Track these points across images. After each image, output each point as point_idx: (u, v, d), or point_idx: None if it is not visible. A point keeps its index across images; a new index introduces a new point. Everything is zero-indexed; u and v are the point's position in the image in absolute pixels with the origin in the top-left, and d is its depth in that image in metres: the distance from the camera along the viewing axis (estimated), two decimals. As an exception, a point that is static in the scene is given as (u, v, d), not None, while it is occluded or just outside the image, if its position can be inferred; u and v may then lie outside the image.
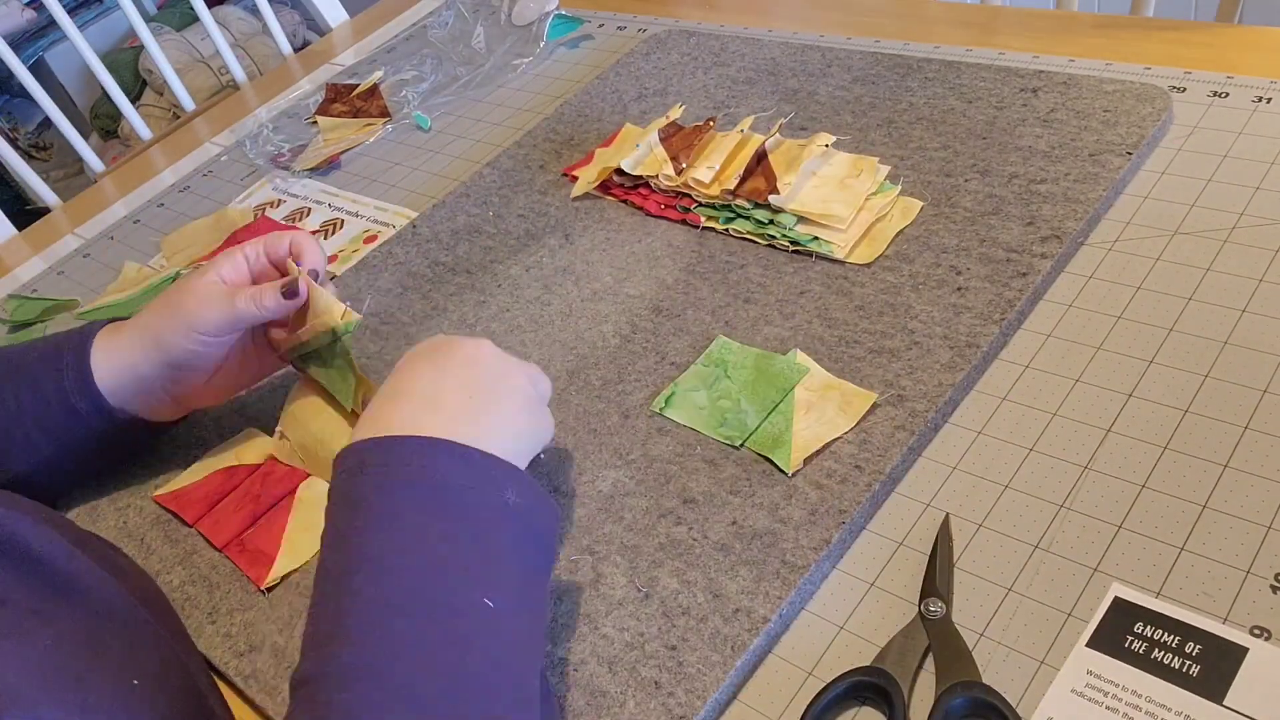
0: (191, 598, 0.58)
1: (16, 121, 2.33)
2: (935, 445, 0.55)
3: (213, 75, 2.14)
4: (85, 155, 1.29)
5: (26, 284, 0.96)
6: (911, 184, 0.71)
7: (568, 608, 0.52)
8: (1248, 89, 0.71)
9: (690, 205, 0.74)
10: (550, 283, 0.73)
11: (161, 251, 0.93)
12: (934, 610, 0.47)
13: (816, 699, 0.45)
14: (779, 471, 0.54)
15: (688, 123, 0.80)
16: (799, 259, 0.68)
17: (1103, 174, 0.66)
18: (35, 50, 2.22)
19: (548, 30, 1.05)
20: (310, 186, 0.97)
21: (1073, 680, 0.43)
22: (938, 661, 0.45)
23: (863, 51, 0.86)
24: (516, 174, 0.86)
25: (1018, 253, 0.63)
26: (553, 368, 0.66)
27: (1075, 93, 0.74)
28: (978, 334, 0.58)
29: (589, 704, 0.47)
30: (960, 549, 0.50)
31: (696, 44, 0.95)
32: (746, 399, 0.59)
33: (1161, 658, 0.43)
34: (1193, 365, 0.55)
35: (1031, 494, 0.51)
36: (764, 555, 0.51)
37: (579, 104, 0.92)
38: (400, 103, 1.05)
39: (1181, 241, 0.62)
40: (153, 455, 0.68)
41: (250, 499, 0.62)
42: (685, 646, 0.48)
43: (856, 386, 0.57)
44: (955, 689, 0.43)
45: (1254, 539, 0.46)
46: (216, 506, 0.62)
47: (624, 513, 0.55)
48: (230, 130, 1.14)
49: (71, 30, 1.21)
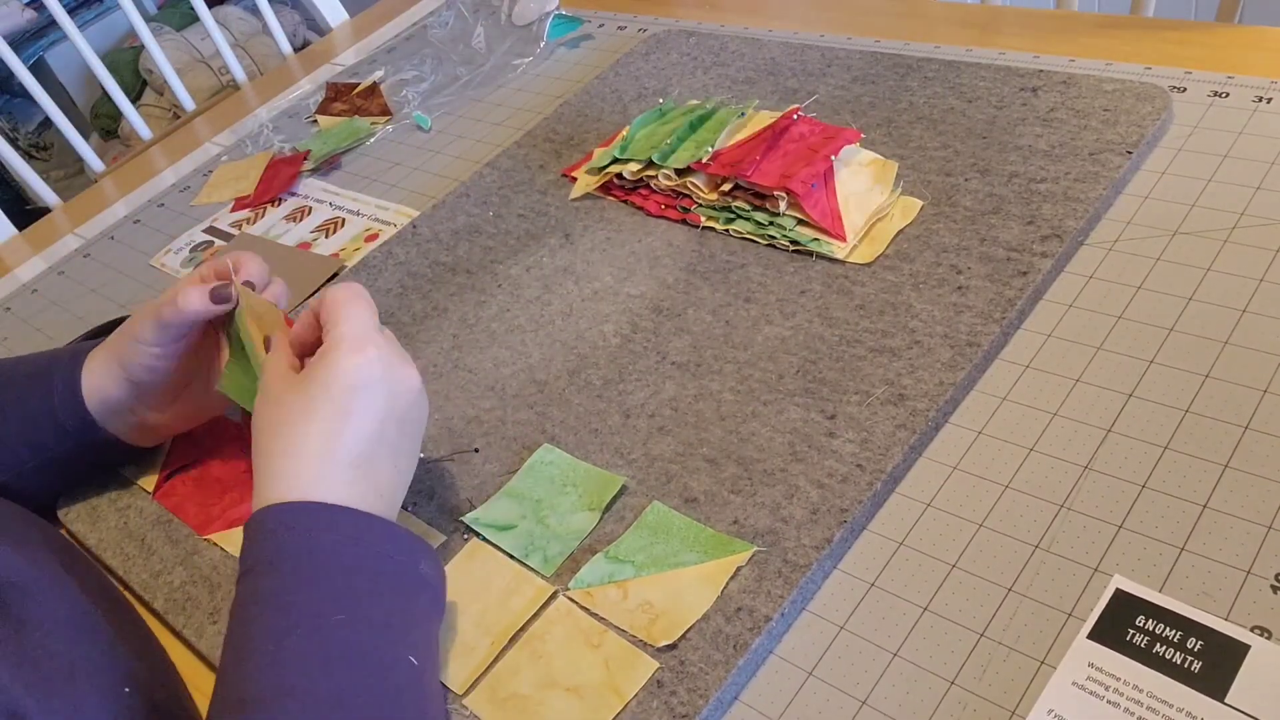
0: (193, 598, 0.58)
1: (16, 121, 2.33)
2: (936, 445, 0.55)
3: (213, 75, 2.14)
4: (85, 155, 1.29)
5: (26, 284, 0.96)
6: (911, 183, 0.71)
7: (569, 607, 0.52)
8: (1248, 89, 0.71)
9: (690, 205, 0.74)
10: (550, 283, 0.73)
11: (205, 187, 1.02)
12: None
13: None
14: (778, 471, 0.55)
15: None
16: (799, 259, 0.68)
17: (1103, 173, 0.66)
18: (35, 50, 2.22)
19: (548, 30, 1.05)
20: (311, 186, 0.97)
21: (1074, 673, 0.43)
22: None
23: (863, 51, 0.86)
24: (516, 174, 0.86)
25: (1018, 252, 0.63)
26: (553, 368, 0.66)
27: (1075, 92, 0.74)
28: (978, 333, 0.59)
29: (590, 703, 0.47)
30: (960, 549, 0.50)
31: (696, 44, 0.95)
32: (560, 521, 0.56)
33: (1163, 652, 0.43)
34: (1193, 365, 0.55)
35: (1031, 494, 0.51)
36: (765, 554, 0.51)
37: (579, 104, 0.92)
38: (400, 103, 1.05)
39: (1181, 241, 0.62)
40: (153, 456, 0.68)
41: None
42: (687, 646, 0.48)
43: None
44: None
45: (1254, 539, 0.46)
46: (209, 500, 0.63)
47: (625, 512, 0.55)
48: (230, 130, 1.14)
49: (71, 30, 1.21)
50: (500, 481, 0.59)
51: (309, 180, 0.98)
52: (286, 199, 0.96)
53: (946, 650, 0.46)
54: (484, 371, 0.67)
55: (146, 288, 0.90)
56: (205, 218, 0.97)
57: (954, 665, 0.46)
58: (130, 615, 0.57)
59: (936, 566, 0.50)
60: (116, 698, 0.47)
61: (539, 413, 0.63)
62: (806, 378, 0.60)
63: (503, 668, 0.50)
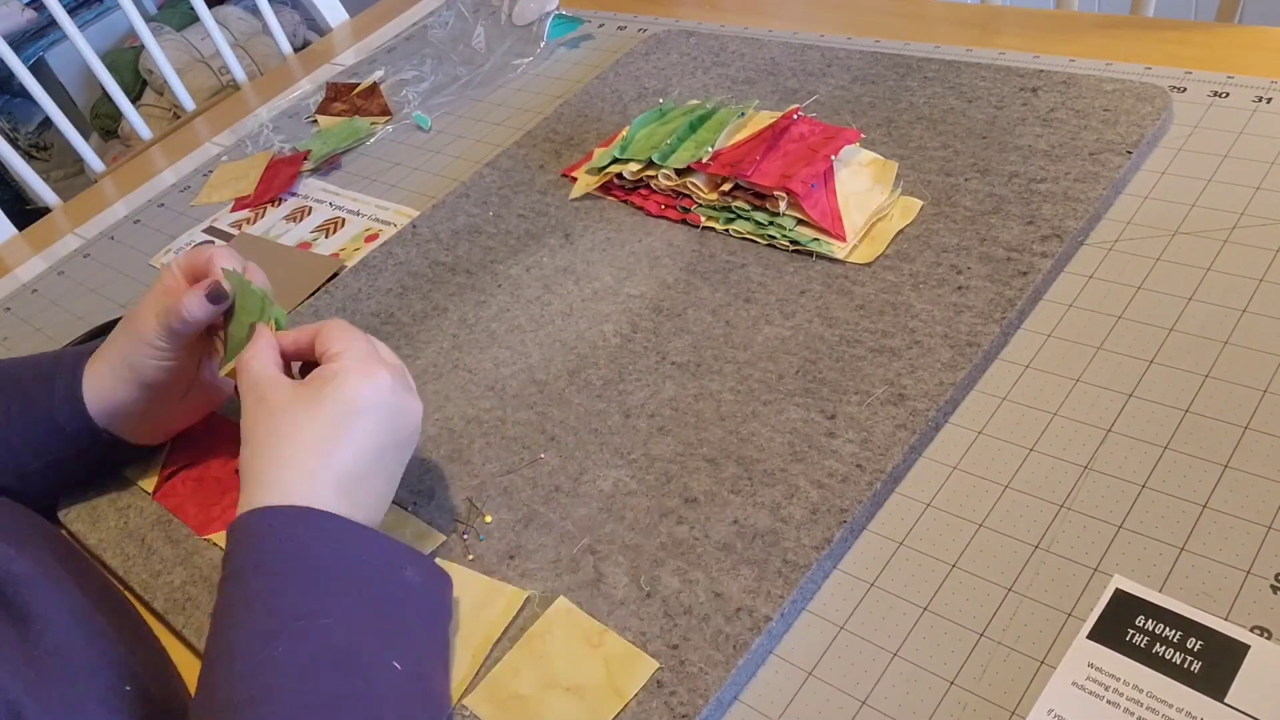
0: (192, 598, 0.58)
1: (16, 121, 2.33)
2: (936, 445, 0.55)
3: (213, 75, 2.14)
4: (85, 155, 1.29)
5: (26, 284, 0.96)
6: (911, 183, 0.71)
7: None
8: (1248, 89, 0.71)
9: (690, 205, 0.74)
10: (550, 283, 0.73)
11: (205, 186, 1.02)
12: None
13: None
14: (778, 471, 0.55)
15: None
16: (799, 258, 0.68)
17: (1103, 173, 0.66)
18: (35, 50, 2.22)
19: (548, 30, 1.05)
20: (311, 186, 0.97)
21: (1074, 673, 0.43)
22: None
23: (863, 51, 0.86)
24: (516, 174, 0.86)
25: (1018, 251, 0.63)
26: (553, 368, 0.66)
27: (1075, 92, 0.74)
28: (978, 333, 0.59)
29: (590, 703, 0.47)
30: (960, 549, 0.50)
31: (696, 44, 0.95)
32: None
33: (1163, 653, 0.43)
34: (1193, 365, 0.55)
35: (1031, 494, 0.51)
36: (765, 554, 0.51)
37: (579, 104, 0.92)
38: (400, 103, 1.05)
39: (1181, 241, 0.62)
40: (153, 456, 0.68)
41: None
42: (687, 645, 0.48)
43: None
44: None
45: (1254, 539, 0.46)
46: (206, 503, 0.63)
47: (625, 512, 0.55)
48: (230, 130, 1.14)
49: (71, 30, 1.21)
50: (500, 481, 0.59)
51: (309, 180, 0.98)
52: (286, 199, 0.96)
53: (946, 650, 0.46)
54: (484, 371, 0.67)
55: (146, 288, 0.90)
56: (205, 218, 0.97)
57: (954, 665, 0.46)
58: (130, 615, 0.57)
59: (936, 566, 0.50)
60: (117, 698, 0.47)
61: (539, 413, 0.63)
62: (806, 378, 0.60)
63: (503, 668, 0.50)
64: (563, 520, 0.56)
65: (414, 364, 0.69)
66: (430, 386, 0.67)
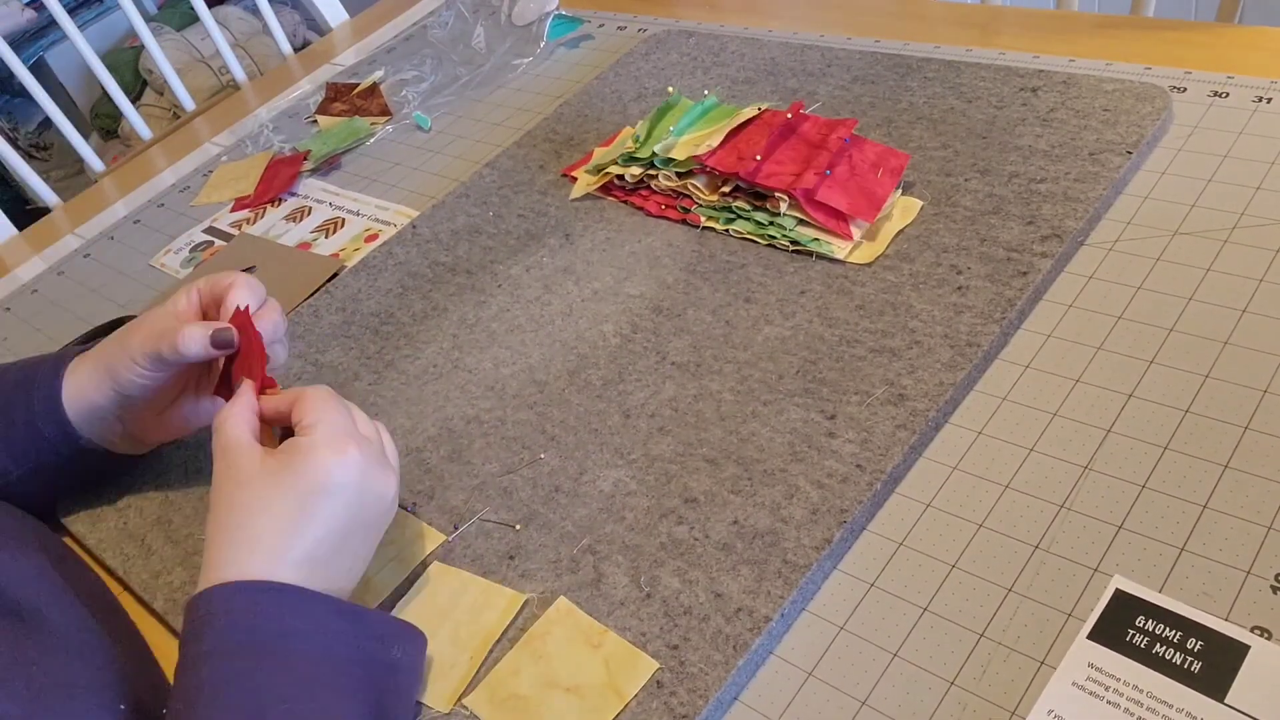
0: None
1: (16, 121, 2.33)
2: (936, 445, 0.55)
3: (213, 75, 2.14)
4: (85, 155, 1.29)
5: (26, 284, 0.96)
6: (911, 183, 0.71)
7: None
8: (1248, 89, 0.71)
9: (690, 205, 0.74)
10: (550, 283, 0.73)
11: (205, 187, 1.02)
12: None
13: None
14: (778, 471, 0.55)
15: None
16: (799, 259, 0.68)
17: (1103, 173, 0.66)
18: (35, 50, 2.22)
19: (548, 30, 1.05)
20: (311, 186, 0.97)
21: (1074, 673, 0.43)
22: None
23: (863, 51, 0.86)
24: (516, 174, 0.86)
25: (1018, 252, 0.63)
26: (553, 368, 0.66)
27: (1075, 92, 0.74)
28: (978, 333, 0.59)
29: (590, 703, 0.47)
30: (960, 549, 0.50)
31: (696, 44, 0.95)
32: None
33: (1163, 653, 0.43)
34: (1193, 365, 0.55)
35: (1031, 494, 0.51)
36: (765, 554, 0.51)
37: (579, 104, 0.92)
38: (400, 103, 1.05)
39: (1181, 241, 0.62)
40: (153, 457, 0.68)
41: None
42: (687, 646, 0.48)
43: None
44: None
45: (1254, 539, 0.46)
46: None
47: (625, 512, 0.55)
48: (230, 130, 1.14)
49: (71, 30, 1.21)
50: (500, 481, 0.59)
51: (309, 180, 0.98)
52: (286, 199, 0.96)
53: (946, 651, 0.46)
54: (484, 371, 0.67)
55: (146, 288, 0.90)
56: (205, 218, 0.97)
57: (954, 666, 0.46)
58: (127, 627, 0.57)
59: (936, 567, 0.50)
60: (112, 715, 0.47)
61: (539, 413, 0.63)
62: (806, 378, 0.60)
63: (503, 668, 0.50)
64: (563, 520, 0.56)
65: (414, 364, 0.69)
66: (430, 386, 0.67)
